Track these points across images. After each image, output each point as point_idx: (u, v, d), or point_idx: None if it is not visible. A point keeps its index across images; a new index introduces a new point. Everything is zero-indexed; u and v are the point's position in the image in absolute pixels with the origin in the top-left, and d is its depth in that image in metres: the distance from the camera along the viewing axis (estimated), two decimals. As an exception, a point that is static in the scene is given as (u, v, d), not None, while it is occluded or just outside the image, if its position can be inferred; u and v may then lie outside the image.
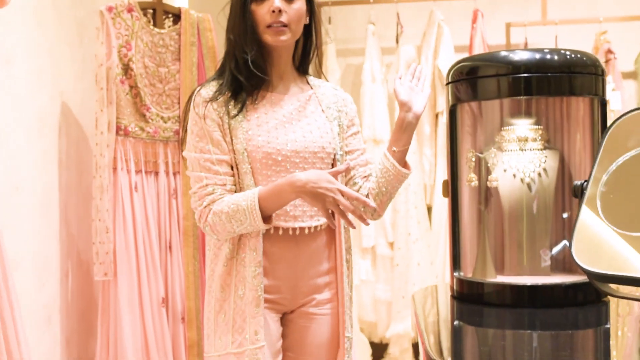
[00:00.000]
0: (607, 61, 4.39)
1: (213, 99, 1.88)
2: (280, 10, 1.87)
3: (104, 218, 2.62)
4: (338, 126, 2.01)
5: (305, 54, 2.05)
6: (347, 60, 4.86)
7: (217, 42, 2.98)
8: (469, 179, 2.28)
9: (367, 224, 1.80)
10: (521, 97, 2.20)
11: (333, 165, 1.99)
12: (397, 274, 4.38)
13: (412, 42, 4.57)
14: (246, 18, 1.89)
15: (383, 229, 4.44)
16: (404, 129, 1.99)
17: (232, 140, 1.87)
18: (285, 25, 1.88)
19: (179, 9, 2.91)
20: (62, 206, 2.70)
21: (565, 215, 2.28)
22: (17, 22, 2.43)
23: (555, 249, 2.29)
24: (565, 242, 2.29)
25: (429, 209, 4.52)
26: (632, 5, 4.68)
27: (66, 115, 2.75)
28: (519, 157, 2.29)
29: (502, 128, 2.32)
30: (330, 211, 1.80)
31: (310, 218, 1.93)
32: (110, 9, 2.69)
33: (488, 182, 2.26)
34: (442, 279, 4.41)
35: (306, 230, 1.93)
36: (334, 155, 1.98)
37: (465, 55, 4.58)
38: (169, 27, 2.90)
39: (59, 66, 2.70)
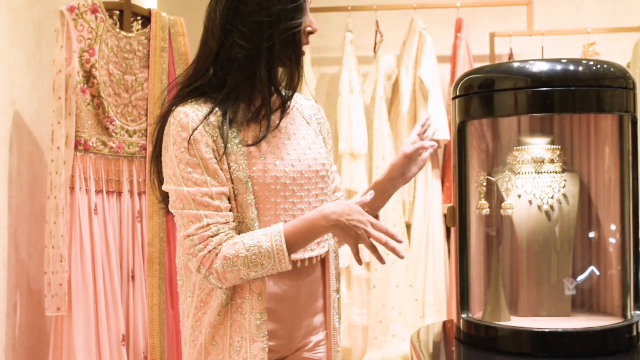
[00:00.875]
0: (594, 75, 4.21)
1: (205, 120, 1.59)
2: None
3: (58, 244, 2.32)
4: (323, 141, 1.79)
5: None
6: (322, 69, 4.62)
7: (191, 48, 2.69)
8: (479, 206, 2.03)
9: (402, 257, 1.59)
10: (542, 114, 1.97)
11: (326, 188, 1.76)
12: (373, 297, 4.15)
13: (391, 51, 4.37)
14: (298, 40, 1.64)
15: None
16: (388, 193, 1.83)
17: (229, 167, 1.59)
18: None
19: (149, 11, 2.62)
20: (12, 229, 2.40)
21: (588, 247, 2.06)
22: (-38, 20, 2.13)
23: (582, 277, 2.05)
24: (592, 267, 2.06)
25: (408, 227, 4.30)
26: (618, 15, 4.55)
27: (18, 127, 2.45)
28: (534, 181, 2.06)
29: (515, 147, 2.09)
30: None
31: (317, 245, 1.71)
32: (71, 9, 2.39)
33: (501, 210, 2.02)
34: (421, 302, 4.20)
35: (306, 262, 1.69)
36: (328, 175, 1.76)
37: (448, 65, 4.41)
38: (137, 30, 2.61)
39: (12, 73, 2.39)
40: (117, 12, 2.56)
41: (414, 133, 1.85)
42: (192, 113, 1.60)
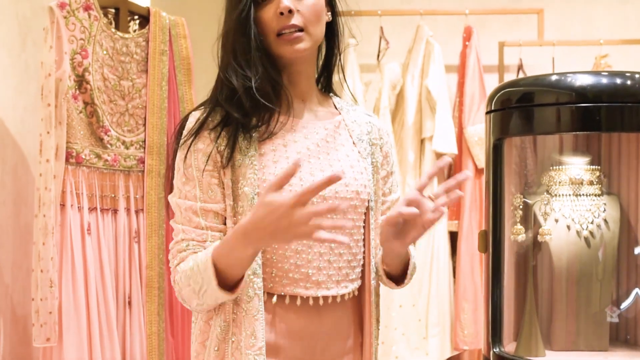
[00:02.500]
0: (607, 87, 4.06)
1: (210, 126, 1.44)
2: (290, 11, 1.43)
3: (48, 268, 2.08)
4: (371, 165, 1.56)
5: (327, 65, 1.61)
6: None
7: (193, 51, 2.47)
8: (515, 231, 1.86)
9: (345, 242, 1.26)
10: (589, 132, 1.79)
11: (366, 217, 1.54)
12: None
13: (395, 58, 4.19)
14: (248, 29, 1.44)
15: (362, 266, 4.01)
16: (393, 253, 1.52)
17: (236, 182, 1.42)
18: (301, 30, 1.44)
19: (147, 10, 2.40)
20: (-6, 250, 2.16)
21: (629, 277, 1.88)
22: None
23: (625, 303, 1.88)
24: (637, 290, 1.88)
25: (412, 244, 4.11)
26: (630, 26, 4.41)
27: (2, 137, 2.22)
28: (573, 204, 1.89)
29: (551, 167, 1.91)
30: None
31: (337, 284, 1.49)
32: (62, 6, 2.16)
33: (539, 236, 1.84)
34: (425, 322, 4.01)
35: (330, 300, 1.48)
36: (368, 203, 1.53)
37: (454, 75, 4.23)
38: (135, 31, 2.38)
39: (-6, 75, 2.17)
40: (113, 11, 2.33)
41: (412, 191, 1.41)
42: (199, 116, 1.47)
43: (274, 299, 1.45)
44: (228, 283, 1.37)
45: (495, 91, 1.82)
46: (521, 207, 1.84)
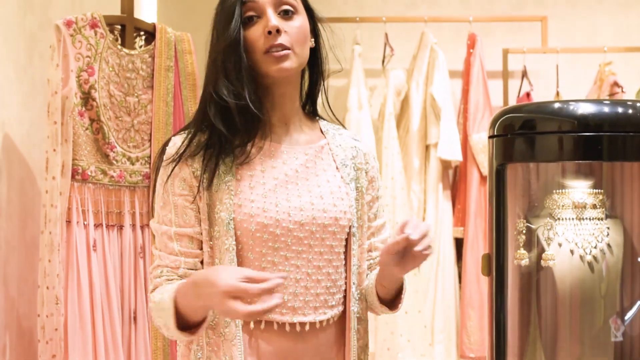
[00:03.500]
0: (612, 95, 4.06)
1: (188, 151, 1.45)
2: (278, 30, 1.44)
3: (54, 284, 2.10)
4: (355, 190, 1.56)
5: (312, 90, 1.60)
6: (327, 81, 4.42)
7: (198, 67, 2.48)
8: (518, 256, 1.86)
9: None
10: (591, 161, 1.79)
11: (347, 242, 1.54)
12: (381, 323, 3.96)
13: (400, 64, 4.20)
14: (238, 47, 1.44)
15: (366, 273, 4.02)
16: (390, 280, 1.52)
17: (212, 206, 1.44)
18: (287, 49, 1.45)
19: (153, 26, 2.40)
20: (0, 265, 2.18)
21: (634, 302, 1.88)
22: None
23: (630, 313, 1.88)
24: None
25: (416, 251, 4.11)
26: (632, 34, 4.40)
27: (8, 152, 2.23)
28: (576, 228, 1.88)
29: (554, 191, 1.91)
30: None
31: (315, 311, 1.48)
32: (69, 24, 2.17)
33: (542, 261, 1.84)
34: (430, 328, 4.02)
35: (307, 326, 1.48)
36: (349, 228, 1.53)
37: (458, 81, 4.24)
38: (141, 47, 2.39)
39: (1, 91, 2.18)
40: (119, 27, 2.34)
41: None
42: (179, 142, 1.48)
43: (252, 324, 1.45)
44: (189, 323, 1.38)
45: (498, 116, 1.82)
46: (524, 231, 1.84)
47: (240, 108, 1.43)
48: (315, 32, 1.55)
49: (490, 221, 1.87)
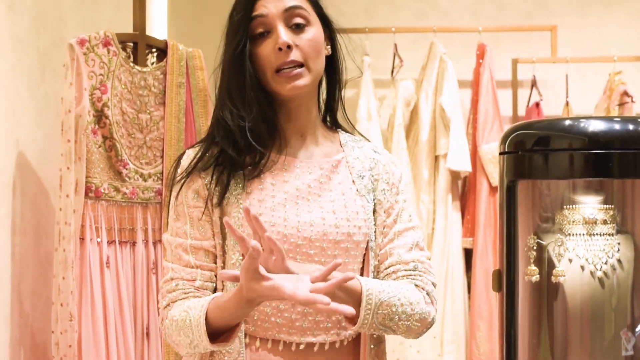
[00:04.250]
0: (621, 104, 4.06)
1: (200, 164, 1.44)
2: (289, 46, 1.40)
3: (67, 302, 2.12)
4: (374, 201, 1.50)
5: (332, 98, 1.55)
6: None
7: (209, 83, 2.50)
8: (529, 272, 1.87)
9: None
10: (602, 178, 1.80)
11: (366, 257, 1.48)
12: (391, 334, 3.97)
13: (409, 74, 4.21)
14: (244, 67, 1.41)
15: (376, 283, 4.03)
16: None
17: (222, 220, 1.41)
18: (300, 65, 1.41)
19: (165, 42, 2.42)
20: (15, 281, 2.20)
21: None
22: (-37, 57, 1.94)
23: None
24: None
25: (426, 261, 4.12)
26: (645, 43, 4.40)
27: (22, 169, 2.25)
28: (586, 243, 1.89)
29: (565, 206, 1.92)
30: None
31: (326, 332, 1.43)
32: (82, 42, 2.19)
33: (553, 277, 1.85)
34: (440, 339, 4.02)
35: (316, 347, 1.43)
36: (367, 243, 1.47)
37: (467, 91, 4.24)
38: (153, 64, 2.41)
39: (15, 109, 2.20)
40: (131, 45, 2.36)
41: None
42: (192, 154, 1.46)
43: (257, 342, 1.42)
44: (220, 331, 1.35)
45: (509, 132, 1.83)
46: (535, 247, 1.85)
47: (243, 132, 1.41)
48: (331, 39, 1.50)
49: (501, 237, 1.88)
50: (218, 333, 1.35)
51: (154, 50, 2.42)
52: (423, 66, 4.19)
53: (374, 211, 1.50)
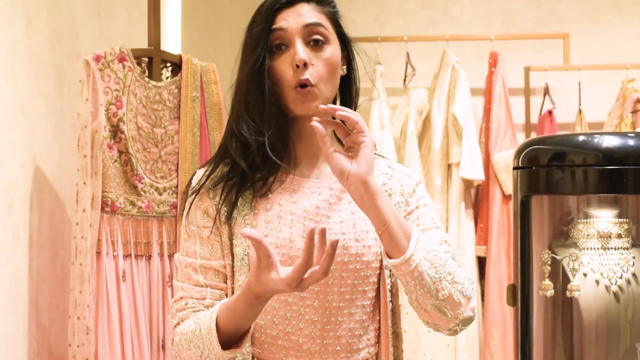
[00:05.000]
0: (635, 112, 4.05)
1: (209, 183, 1.43)
2: (305, 64, 1.38)
3: (84, 315, 2.14)
4: None
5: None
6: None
7: (224, 97, 2.52)
8: (543, 287, 1.87)
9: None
10: (616, 194, 1.81)
11: (381, 277, 1.44)
12: (404, 342, 3.97)
13: (421, 83, 4.22)
14: (264, 81, 1.38)
15: (389, 291, 4.04)
16: (362, 205, 1.34)
17: (231, 241, 1.40)
18: (312, 85, 1.38)
19: (179, 57, 2.45)
20: (32, 295, 2.22)
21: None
22: (-18, 75, 1.97)
23: None
24: None
25: (439, 269, 4.12)
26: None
27: (39, 183, 2.27)
28: (601, 257, 1.89)
29: (579, 220, 1.92)
30: None
31: (336, 355, 1.40)
32: (98, 58, 2.21)
33: (567, 292, 1.85)
34: (453, 347, 4.02)
35: None
36: (380, 262, 1.43)
37: (480, 99, 4.25)
38: (167, 78, 2.43)
39: (32, 124, 2.22)
40: (146, 60, 2.38)
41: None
42: (202, 174, 1.46)
43: None
44: (232, 339, 1.33)
45: (522, 147, 1.84)
46: (549, 262, 1.85)
47: (260, 146, 1.38)
48: (348, 59, 1.48)
49: (515, 251, 1.89)
50: (229, 342, 1.34)
51: (168, 64, 2.44)
52: (435, 74, 4.20)
53: None
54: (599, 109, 4.23)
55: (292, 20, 1.40)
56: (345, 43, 1.48)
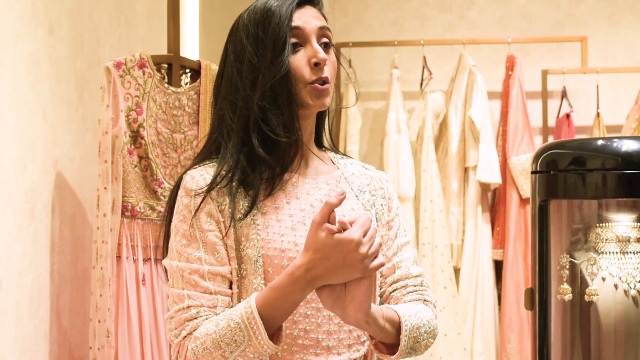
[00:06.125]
0: (653, 115, 4.03)
1: (213, 185, 1.39)
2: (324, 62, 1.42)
3: (105, 318, 2.17)
4: (375, 215, 1.50)
5: (322, 121, 1.55)
6: (366, 104, 4.47)
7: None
8: (562, 291, 1.88)
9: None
10: (635, 199, 1.81)
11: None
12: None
13: (438, 86, 4.23)
14: (289, 78, 1.39)
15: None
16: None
17: (239, 243, 1.38)
18: (327, 82, 1.42)
19: (199, 63, 2.47)
20: (54, 298, 2.25)
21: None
22: (7, 81, 1.99)
23: None
24: None
25: (456, 272, 4.13)
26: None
27: (61, 189, 2.31)
28: (620, 262, 1.90)
29: (598, 225, 1.92)
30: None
31: (349, 348, 1.42)
32: (118, 65, 2.24)
33: (586, 296, 1.86)
34: (470, 350, 4.02)
35: None
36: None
37: (497, 102, 4.25)
38: (187, 84, 2.46)
39: (54, 131, 2.26)
40: (166, 66, 2.41)
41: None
42: (198, 176, 1.41)
43: None
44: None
45: (541, 151, 1.85)
46: (567, 266, 1.86)
47: (289, 143, 1.39)
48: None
49: (533, 256, 1.89)
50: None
51: (187, 71, 2.47)
52: (452, 78, 4.21)
53: (377, 225, 1.50)
54: (617, 112, 4.21)
55: (308, 20, 1.44)
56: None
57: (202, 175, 1.41)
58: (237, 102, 1.42)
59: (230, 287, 1.38)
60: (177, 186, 1.45)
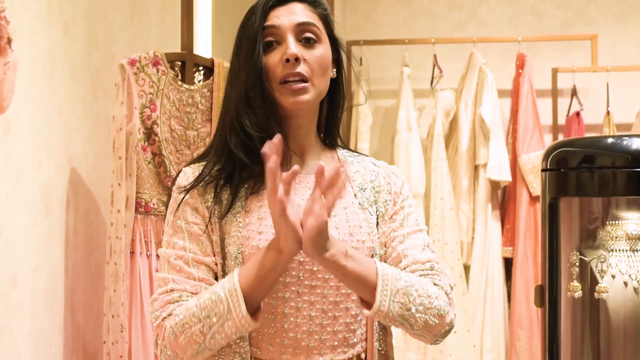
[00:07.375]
0: (664, 113, 4.03)
1: (200, 181, 1.42)
2: (297, 59, 1.38)
3: (118, 313, 2.19)
4: (376, 213, 1.47)
5: (332, 120, 1.53)
6: (377, 102, 4.49)
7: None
8: (571, 288, 1.89)
9: None
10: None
11: None
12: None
13: (448, 84, 4.24)
14: (262, 77, 1.39)
15: (416, 292, 4.06)
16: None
17: (222, 239, 1.39)
18: (305, 81, 1.39)
19: (212, 61, 2.49)
20: (68, 294, 2.28)
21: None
22: (23, 79, 2.02)
23: None
24: None
25: (466, 269, 4.14)
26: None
27: (75, 185, 2.33)
28: (630, 260, 1.91)
29: (608, 222, 1.94)
30: None
31: (333, 350, 1.39)
32: (132, 63, 2.26)
33: (596, 293, 1.87)
34: (479, 348, 4.04)
35: None
36: (372, 256, 1.43)
37: (507, 100, 4.25)
38: (200, 81, 2.48)
39: (69, 128, 2.28)
40: (179, 64, 2.43)
41: None
42: (190, 172, 1.45)
43: None
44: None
45: (551, 149, 1.86)
46: (577, 264, 1.87)
47: (263, 140, 1.32)
48: (337, 63, 1.49)
49: (543, 253, 1.90)
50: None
51: (200, 68, 2.49)
52: (462, 76, 4.22)
53: (377, 224, 1.47)
54: (627, 110, 4.21)
55: (284, 18, 1.42)
56: (336, 46, 1.49)
57: (194, 172, 1.45)
58: (225, 102, 1.45)
59: (216, 278, 1.39)
60: (173, 182, 1.49)
